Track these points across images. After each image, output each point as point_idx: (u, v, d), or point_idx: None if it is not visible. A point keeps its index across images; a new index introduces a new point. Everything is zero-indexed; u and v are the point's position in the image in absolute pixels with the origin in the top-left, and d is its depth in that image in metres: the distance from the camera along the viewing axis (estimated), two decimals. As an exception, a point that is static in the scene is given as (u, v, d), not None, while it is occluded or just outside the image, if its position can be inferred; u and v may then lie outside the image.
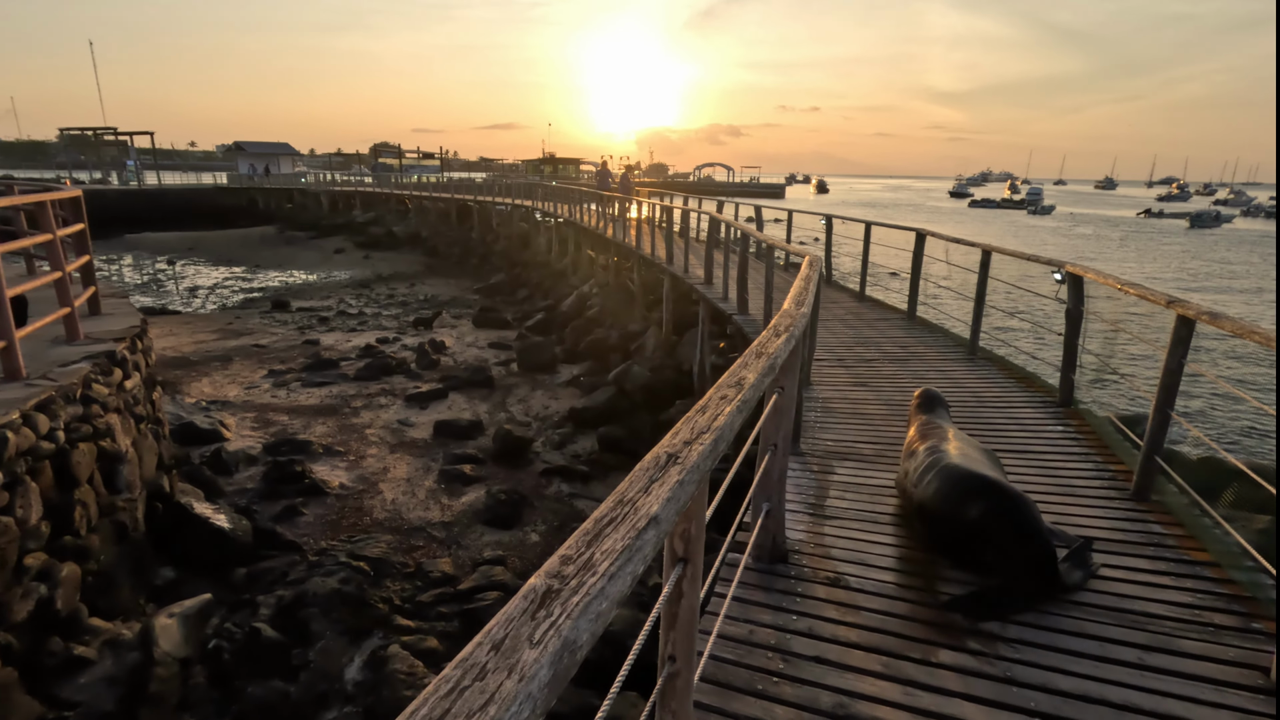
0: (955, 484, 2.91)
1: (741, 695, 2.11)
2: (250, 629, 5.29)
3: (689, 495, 1.22)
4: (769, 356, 2.03)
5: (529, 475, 9.19)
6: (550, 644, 0.77)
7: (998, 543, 2.73)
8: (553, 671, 0.75)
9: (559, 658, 0.76)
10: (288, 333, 16.37)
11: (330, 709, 4.97)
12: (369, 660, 5.32)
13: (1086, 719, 2.05)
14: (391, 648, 5.29)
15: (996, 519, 2.74)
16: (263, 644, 5.20)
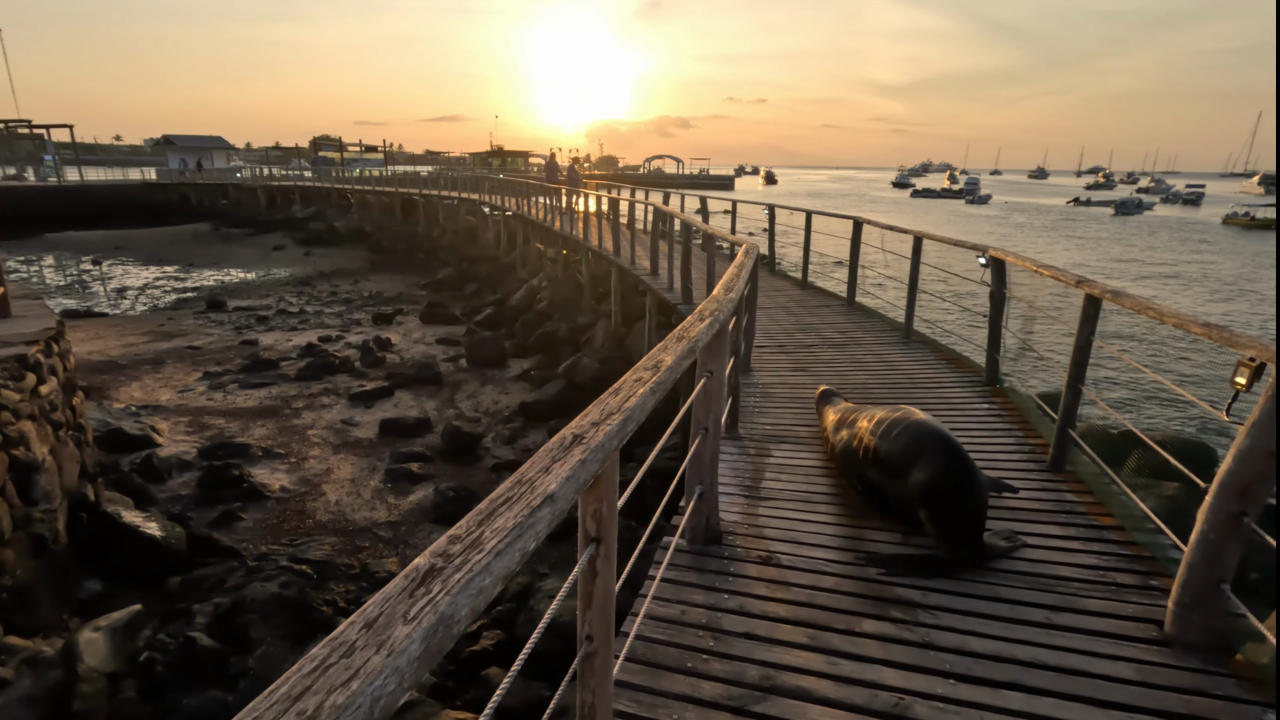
0: (922, 438, 3.01)
1: (670, 673, 2.15)
2: (185, 639, 5.11)
3: (591, 474, 1.24)
4: (690, 340, 2.06)
5: (479, 471, 9.09)
6: (425, 619, 0.77)
7: (939, 501, 2.85)
8: (425, 646, 0.75)
9: (433, 632, 0.77)
10: (224, 333, 15.76)
11: (272, 716, 4.84)
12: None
13: (996, 677, 2.16)
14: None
15: (947, 480, 2.85)
16: (199, 653, 5.02)
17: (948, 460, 2.88)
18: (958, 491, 2.82)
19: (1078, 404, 3.57)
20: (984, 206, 64.82)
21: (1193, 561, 2.28)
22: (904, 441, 3.06)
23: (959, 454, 2.91)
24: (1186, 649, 2.29)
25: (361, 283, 22.36)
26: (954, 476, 2.84)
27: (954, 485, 2.82)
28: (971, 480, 2.83)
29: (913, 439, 3.03)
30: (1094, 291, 3.32)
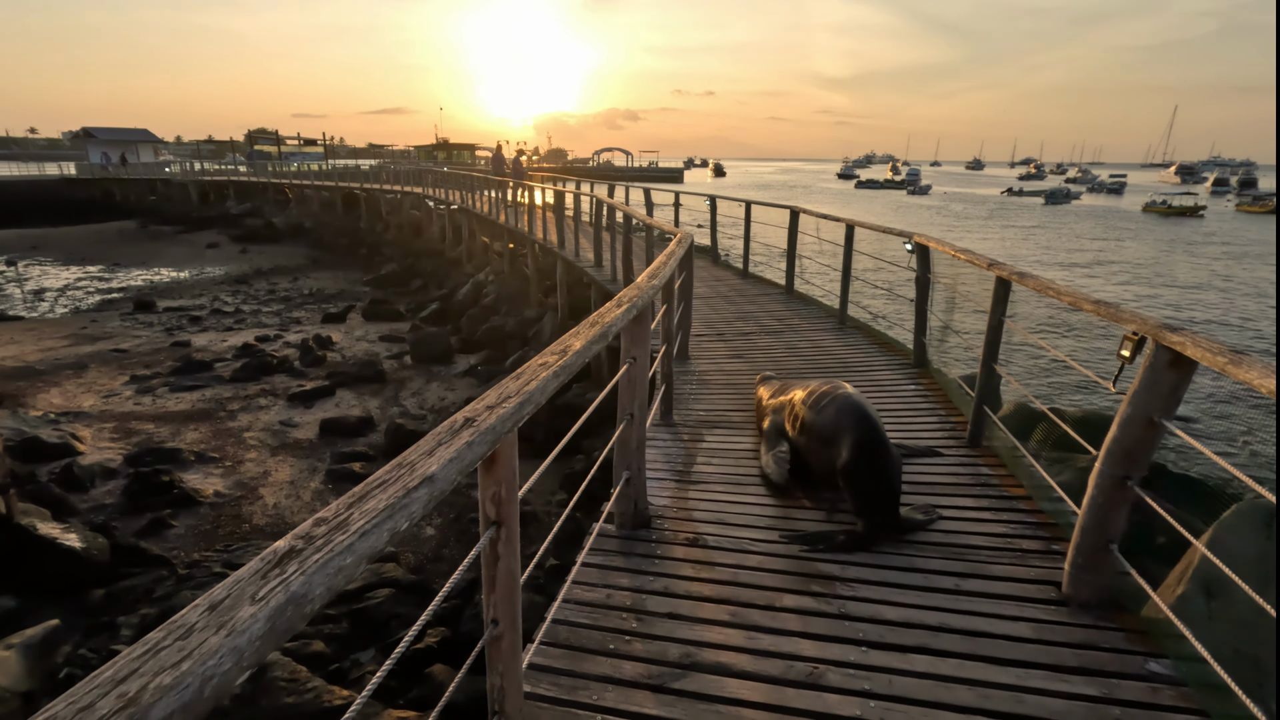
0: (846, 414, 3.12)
1: (592, 655, 2.18)
2: (109, 652, 4.90)
3: (478, 455, 1.24)
4: (603, 326, 2.08)
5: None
6: (274, 599, 0.77)
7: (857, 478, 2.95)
8: (270, 625, 0.75)
9: (281, 611, 0.77)
10: (154, 335, 15.07)
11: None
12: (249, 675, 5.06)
13: (906, 642, 2.26)
14: (270, 655, 5.04)
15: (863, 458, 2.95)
16: (124, 667, 4.82)
17: (865, 439, 2.98)
18: (873, 470, 2.93)
19: (992, 382, 3.73)
20: (925, 197, 66.76)
21: (1085, 525, 2.42)
22: (830, 415, 3.16)
23: (877, 433, 3.01)
24: (1081, 607, 2.43)
25: (301, 280, 21.67)
26: (870, 456, 2.94)
27: (870, 464, 2.93)
28: (886, 459, 2.94)
29: (838, 413, 3.13)
30: (1004, 274, 3.47)
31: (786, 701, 2.01)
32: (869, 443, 2.96)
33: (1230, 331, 16.94)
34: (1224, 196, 66.04)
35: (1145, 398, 2.21)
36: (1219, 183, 75.21)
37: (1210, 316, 18.61)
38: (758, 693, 2.04)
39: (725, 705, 1.99)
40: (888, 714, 1.96)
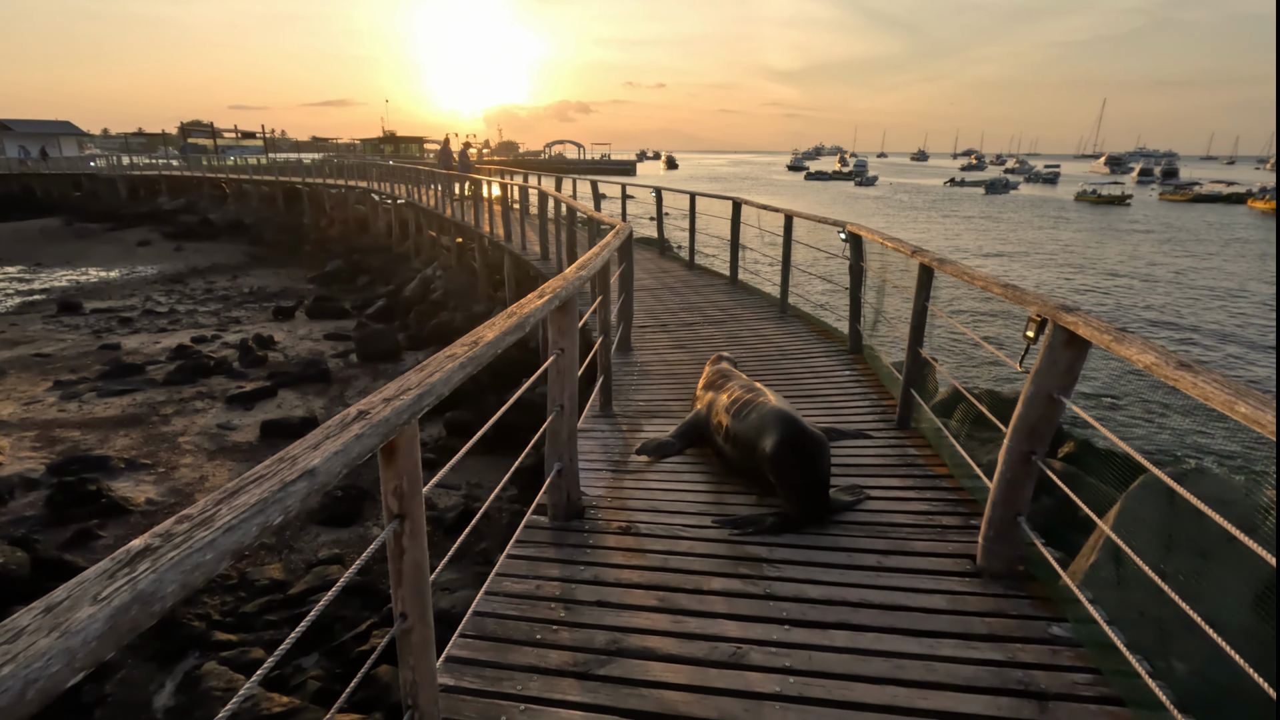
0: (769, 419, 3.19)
1: (518, 646, 2.18)
2: (29, 671, 4.67)
3: (368, 449, 1.23)
4: (520, 316, 2.07)
5: (370, 468, 8.76)
6: (118, 599, 0.75)
7: (789, 476, 3.01)
8: (110, 624, 0.73)
9: (124, 611, 0.75)
10: (80, 338, 14.35)
11: (137, 744, 4.53)
12: (182, 683, 4.90)
13: (827, 619, 2.33)
14: (207, 665, 4.89)
15: (791, 456, 3.01)
16: (46, 685, 4.61)
17: (788, 436, 3.06)
18: (799, 462, 2.99)
19: (918, 365, 3.86)
20: (872, 188, 68.22)
21: (996, 499, 2.53)
22: (753, 421, 3.24)
23: (799, 428, 3.09)
24: (992, 577, 2.54)
25: (241, 278, 20.91)
26: (794, 451, 3.02)
27: (795, 458, 3.00)
28: (811, 450, 3.01)
29: (760, 419, 3.22)
30: (926, 260, 3.58)
31: (709, 682, 2.05)
32: (792, 438, 3.04)
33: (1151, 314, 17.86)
34: (1149, 186, 69.45)
35: (1046, 376, 2.32)
36: (1144, 173, 79.12)
37: (1133, 301, 19.57)
38: (681, 675, 2.08)
39: (648, 689, 2.02)
40: (805, 689, 2.02)
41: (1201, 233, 35.25)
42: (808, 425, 3.14)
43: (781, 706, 1.95)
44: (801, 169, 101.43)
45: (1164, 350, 1.78)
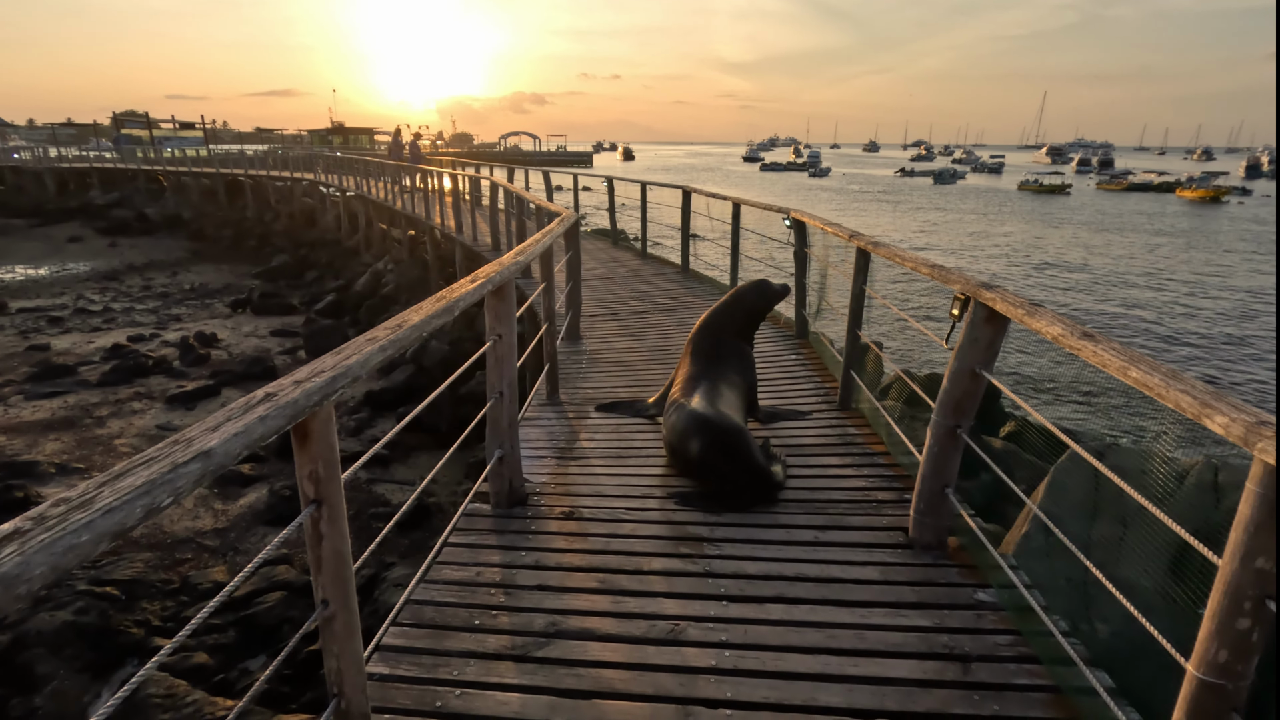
0: (687, 422, 3.20)
1: (456, 633, 2.17)
2: (-51, 686, 4.44)
3: (272, 430, 1.20)
4: (449, 300, 2.04)
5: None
6: (-25, 581, 0.72)
7: (721, 471, 3.05)
8: (-37, 608, 0.70)
9: (-19, 594, 0.72)
10: (5, 339, 13.63)
11: (70, 758, 4.36)
12: (118, 692, 4.71)
13: (764, 594, 2.38)
14: (146, 671, 4.72)
15: (717, 454, 3.05)
16: (-32, 702, 4.39)
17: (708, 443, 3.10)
18: (727, 462, 3.03)
19: (857, 348, 3.94)
20: (825, 179, 69.26)
21: (925, 473, 2.61)
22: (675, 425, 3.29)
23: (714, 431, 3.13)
24: (923, 548, 2.63)
25: (181, 275, 20.13)
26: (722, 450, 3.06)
27: (724, 456, 3.04)
28: (738, 447, 3.05)
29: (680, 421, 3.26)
30: (862, 244, 3.66)
31: (647, 659, 2.07)
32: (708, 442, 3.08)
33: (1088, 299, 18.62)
34: (1087, 175, 72.20)
35: (968, 351, 2.40)
36: (1083, 163, 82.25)
37: (1070, 285, 20.36)
38: (619, 653, 2.10)
39: (586, 668, 2.04)
40: (740, 662, 2.06)
41: (1135, 222, 36.84)
42: (720, 419, 3.17)
43: (716, 679, 1.99)
44: (757, 160, 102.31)
45: (1070, 322, 1.86)
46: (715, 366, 3.65)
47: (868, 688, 1.96)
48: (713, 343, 3.80)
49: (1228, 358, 13.85)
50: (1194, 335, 15.32)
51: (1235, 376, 12.84)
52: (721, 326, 3.90)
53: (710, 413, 3.21)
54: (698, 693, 1.94)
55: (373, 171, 17.98)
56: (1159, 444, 2.56)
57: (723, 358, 3.73)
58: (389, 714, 1.84)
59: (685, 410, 3.28)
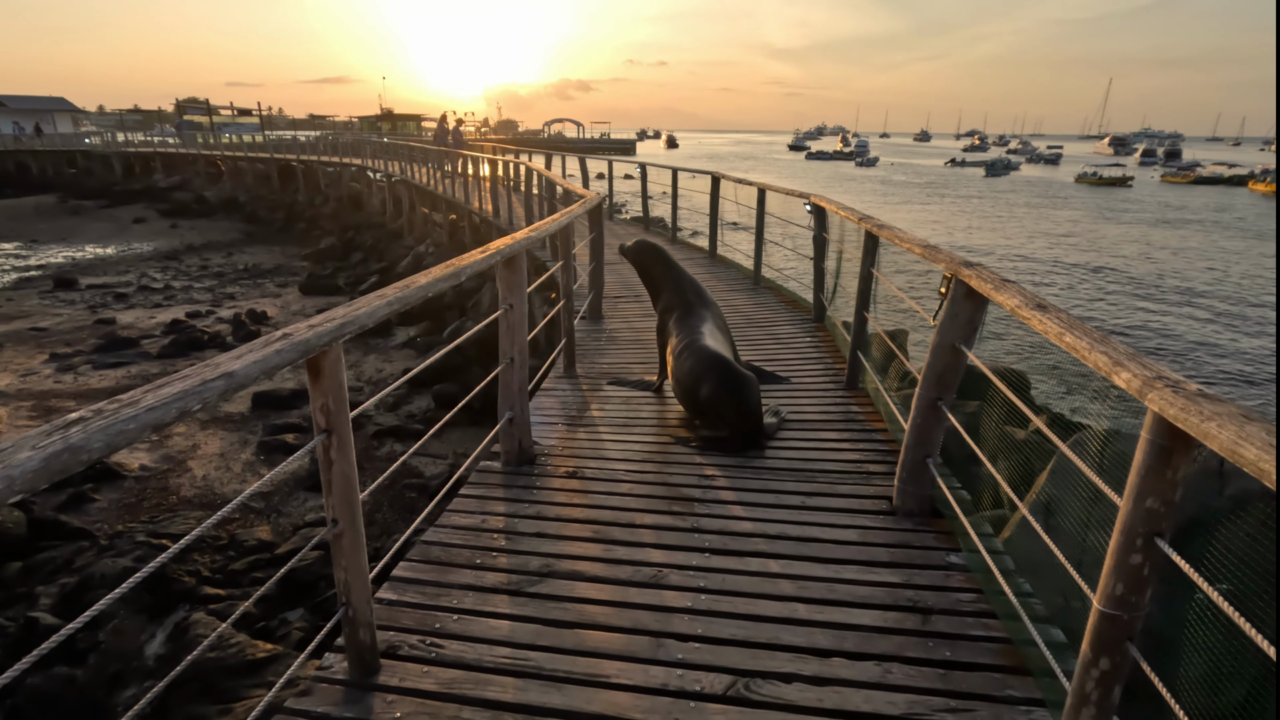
0: (700, 362, 3.52)
1: (458, 569, 2.40)
2: (26, 619, 4.93)
3: (285, 362, 1.42)
4: (456, 267, 2.26)
5: (360, 438, 8.98)
6: (52, 447, 0.95)
7: (725, 413, 3.37)
8: (45, 464, 0.93)
9: (58, 456, 0.95)
10: (75, 313, 14.54)
11: (128, 687, 4.79)
12: (171, 633, 5.15)
13: (744, 549, 2.54)
14: (195, 615, 5.14)
15: (724, 395, 3.36)
16: (41, 632, 4.87)
17: (722, 381, 3.41)
18: (734, 403, 3.23)
19: (865, 329, 4.05)
20: (872, 168, 67.91)
21: (909, 443, 2.73)
22: (688, 364, 3.53)
23: (731, 372, 3.42)
24: (905, 515, 2.75)
25: (235, 255, 21.04)
26: (729, 393, 3.31)
27: (730, 399, 3.25)
28: (741, 391, 3.27)
29: (693, 362, 3.53)
30: (870, 227, 3.75)
31: (629, 599, 2.27)
32: (721, 381, 3.36)
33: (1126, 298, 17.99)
34: (1151, 167, 69.08)
35: (949, 327, 2.51)
36: (1147, 154, 78.63)
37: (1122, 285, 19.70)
38: (605, 593, 2.29)
39: (573, 603, 2.24)
40: (714, 605, 2.24)
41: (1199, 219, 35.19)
42: (735, 365, 3.49)
43: (690, 618, 2.17)
44: (803, 149, 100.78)
45: (1027, 294, 1.97)
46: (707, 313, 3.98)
47: (830, 631, 2.11)
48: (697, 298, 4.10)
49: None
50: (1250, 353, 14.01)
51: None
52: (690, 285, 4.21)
53: (726, 360, 3.52)
54: (672, 628, 2.13)
55: (416, 157, 18.47)
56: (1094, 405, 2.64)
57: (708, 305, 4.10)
58: (393, 631, 2.08)
59: (704, 352, 3.57)
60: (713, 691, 1.88)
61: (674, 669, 1.96)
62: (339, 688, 1.87)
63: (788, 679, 1.92)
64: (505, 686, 1.88)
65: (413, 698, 1.84)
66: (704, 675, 1.93)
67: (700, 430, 3.52)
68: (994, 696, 1.87)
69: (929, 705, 1.84)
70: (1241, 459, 1.03)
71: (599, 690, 1.88)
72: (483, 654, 2.00)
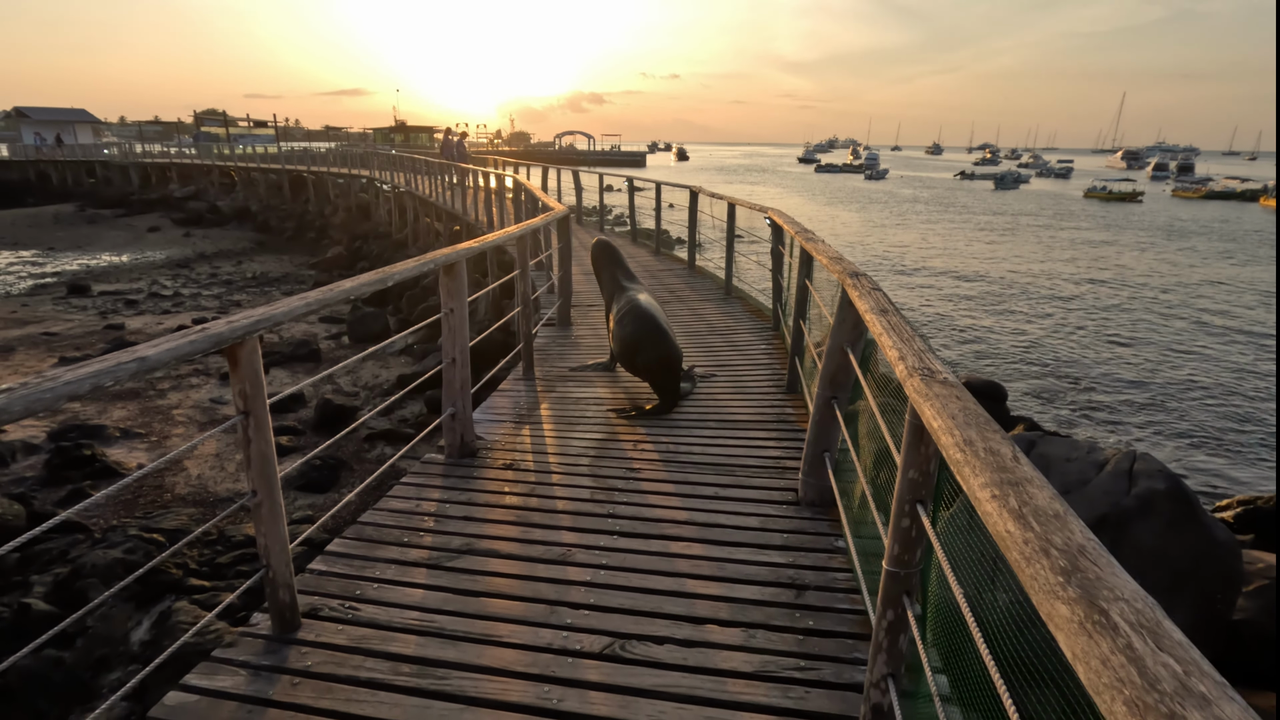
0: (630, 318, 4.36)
1: (386, 545, 2.66)
2: (19, 605, 5.22)
3: (198, 350, 1.69)
4: (383, 274, 2.53)
5: (351, 441, 9.28)
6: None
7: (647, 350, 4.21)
8: (-29, 419, 1.20)
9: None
10: (87, 318, 15.01)
11: (113, 671, 5.07)
12: (156, 620, 5.43)
13: (650, 533, 2.78)
14: (178, 604, 5.42)
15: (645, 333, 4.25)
16: (34, 617, 5.16)
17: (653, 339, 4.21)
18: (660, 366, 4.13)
19: (802, 336, 4.28)
20: (882, 181, 68.07)
21: (810, 439, 2.97)
22: (625, 325, 4.35)
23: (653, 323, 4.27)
24: (806, 505, 2.98)
25: (245, 264, 21.57)
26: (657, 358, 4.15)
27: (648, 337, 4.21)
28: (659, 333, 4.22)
29: (629, 320, 4.36)
30: (802, 242, 4.00)
31: (535, 573, 2.51)
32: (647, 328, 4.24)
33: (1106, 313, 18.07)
34: (1163, 181, 68.77)
35: (839, 331, 2.75)
36: (1159, 168, 78.28)
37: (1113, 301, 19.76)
38: (514, 568, 2.54)
39: (484, 576, 2.49)
40: (611, 579, 2.48)
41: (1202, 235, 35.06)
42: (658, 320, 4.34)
43: (586, 590, 2.41)
44: (812, 161, 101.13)
45: (881, 299, 2.21)
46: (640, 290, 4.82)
47: (708, 602, 2.35)
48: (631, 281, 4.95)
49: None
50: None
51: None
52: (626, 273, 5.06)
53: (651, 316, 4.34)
54: (568, 598, 2.37)
55: (420, 168, 18.92)
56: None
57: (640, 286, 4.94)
58: (318, 596, 2.34)
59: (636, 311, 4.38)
60: (591, 650, 2.12)
61: (561, 631, 2.20)
62: (260, 641, 2.13)
63: (660, 641, 2.16)
64: (408, 643, 2.13)
65: (325, 650, 2.10)
66: (586, 637, 2.17)
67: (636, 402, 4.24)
68: (840, 658, 2.09)
69: (780, 665, 2.07)
70: (935, 433, 1.27)
71: (489, 647, 2.12)
72: (394, 616, 2.25)
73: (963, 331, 15.18)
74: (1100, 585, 0.72)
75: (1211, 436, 9.59)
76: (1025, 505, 0.89)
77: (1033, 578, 0.78)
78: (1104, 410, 10.62)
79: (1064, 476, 3.98)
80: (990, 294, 19.35)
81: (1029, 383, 11.73)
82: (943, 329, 15.41)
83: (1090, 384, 11.54)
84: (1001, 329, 15.48)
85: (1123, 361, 13.08)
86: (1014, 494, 0.92)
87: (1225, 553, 3.48)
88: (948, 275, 22.11)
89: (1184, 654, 0.62)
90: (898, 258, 24.97)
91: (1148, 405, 10.87)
